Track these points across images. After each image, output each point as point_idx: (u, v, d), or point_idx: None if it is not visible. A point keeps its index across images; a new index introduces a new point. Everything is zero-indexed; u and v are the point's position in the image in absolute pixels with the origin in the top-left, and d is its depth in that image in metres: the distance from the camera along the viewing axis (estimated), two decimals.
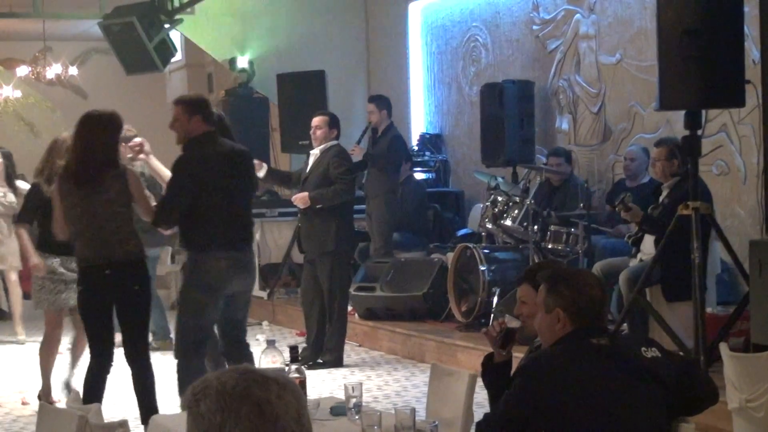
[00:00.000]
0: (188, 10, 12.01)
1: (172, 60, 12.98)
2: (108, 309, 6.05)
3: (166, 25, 12.04)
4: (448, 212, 11.33)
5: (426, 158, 11.83)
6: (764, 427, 4.98)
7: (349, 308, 9.56)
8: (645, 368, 3.40)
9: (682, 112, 6.62)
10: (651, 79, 8.12)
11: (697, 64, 6.23)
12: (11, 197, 9.98)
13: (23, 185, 9.83)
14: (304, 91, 11.72)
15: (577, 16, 10.03)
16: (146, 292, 6.17)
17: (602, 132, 9.82)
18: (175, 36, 12.84)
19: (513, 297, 7.28)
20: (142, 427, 5.65)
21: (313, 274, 8.73)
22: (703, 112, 7.05)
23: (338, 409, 4.22)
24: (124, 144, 8.37)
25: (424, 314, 9.61)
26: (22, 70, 14.43)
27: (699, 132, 6.64)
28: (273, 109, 12.62)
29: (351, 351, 9.45)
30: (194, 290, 6.28)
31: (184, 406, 1.96)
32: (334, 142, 8.69)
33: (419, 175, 11.55)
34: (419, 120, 12.48)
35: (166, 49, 12.19)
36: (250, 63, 12.67)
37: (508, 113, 9.98)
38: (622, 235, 8.37)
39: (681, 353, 6.11)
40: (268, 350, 4.35)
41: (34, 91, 15.53)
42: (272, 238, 11.62)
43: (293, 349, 4.31)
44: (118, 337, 6.28)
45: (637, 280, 7.01)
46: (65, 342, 7.62)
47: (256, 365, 4.52)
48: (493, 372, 3.87)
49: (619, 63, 9.53)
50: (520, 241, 8.99)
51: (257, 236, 10.67)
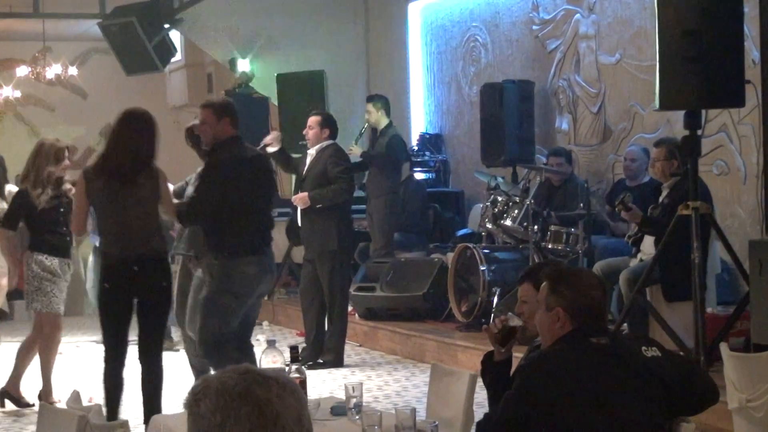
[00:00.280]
0: (188, 10, 12.01)
1: (172, 60, 13.00)
2: (130, 306, 6.04)
3: (166, 25, 12.06)
4: (448, 212, 11.33)
5: (426, 158, 11.83)
6: (764, 427, 4.98)
7: (350, 308, 9.56)
8: (645, 368, 3.40)
9: (682, 112, 6.62)
10: (651, 79, 8.09)
11: (697, 64, 6.23)
12: (3, 204, 9.93)
13: (14, 189, 9.78)
14: (303, 91, 11.71)
15: (577, 16, 10.02)
16: (170, 290, 6.20)
17: (602, 132, 9.81)
18: (174, 36, 12.84)
19: (513, 297, 7.30)
20: (143, 426, 5.65)
21: (313, 273, 8.73)
22: (703, 112, 7.05)
23: (338, 409, 4.22)
24: None
25: (424, 314, 9.61)
26: (22, 70, 14.40)
27: (699, 132, 6.64)
28: (273, 109, 12.61)
29: (351, 351, 9.45)
30: (225, 296, 6.38)
31: (184, 406, 1.96)
32: (330, 142, 8.68)
33: (419, 175, 11.55)
34: (419, 120, 12.48)
35: (165, 49, 12.20)
36: (251, 65, 12.65)
37: (507, 113, 9.98)
38: (620, 231, 8.36)
39: (681, 353, 6.11)
40: (268, 350, 4.34)
41: (33, 91, 15.50)
42: None
43: (293, 349, 4.31)
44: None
45: (637, 280, 7.01)
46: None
47: (257, 365, 4.51)
48: (493, 370, 3.88)
49: (618, 63, 9.53)
50: (520, 241, 8.99)
51: None
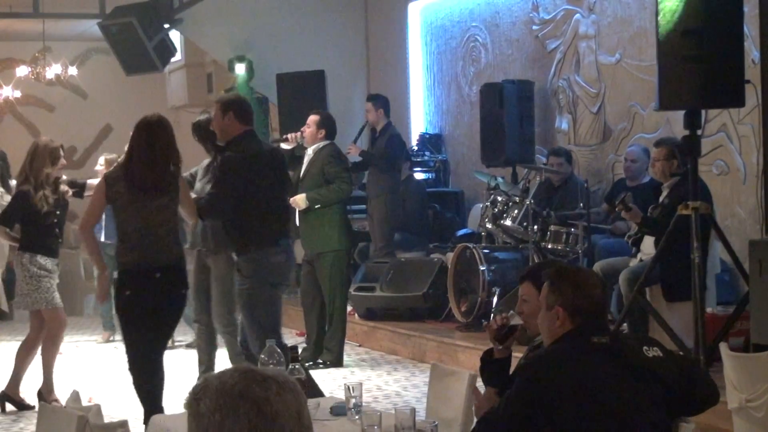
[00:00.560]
0: (188, 10, 12.01)
1: (172, 60, 13.00)
2: (151, 312, 6.01)
3: (166, 25, 12.06)
4: (448, 212, 11.33)
5: (426, 158, 11.83)
6: (764, 427, 4.97)
7: (349, 308, 9.56)
8: (646, 367, 3.40)
9: (682, 112, 6.62)
10: (651, 78, 8.11)
11: (697, 63, 6.23)
12: (7, 198, 9.95)
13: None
14: (303, 91, 11.72)
15: (577, 16, 10.02)
16: (186, 297, 6.19)
17: (602, 132, 9.81)
18: (174, 36, 12.84)
19: (513, 297, 7.30)
20: (143, 426, 5.65)
21: (313, 274, 8.73)
22: (703, 112, 7.05)
23: (338, 409, 4.22)
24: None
25: (424, 314, 9.61)
26: (22, 70, 14.40)
27: (699, 132, 6.64)
28: (273, 109, 12.61)
29: (351, 351, 9.45)
30: (263, 289, 6.56)
31: (185, 405, 1.96)
32: (326, 142, 8.67)
33: (419, 175, 11.55)
34: (419, 120, 12.48)
35: (165, 49, 12.20)
36: (248, 66, 12.62)
37: (507, 113, 9.98)
38: (620, 232, 8.36)
39: (682, 353, 6.10)
40: (268, 350, 4.34)
41: (33, 91, 15.51)
42: None
43: (293, 349, 4.31)
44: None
45: (637, 280, 7.00)
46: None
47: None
48: (492, 367, 3.88)
49: (618, 63, 9.53)
50: (520, 241, 8.99)
51: None
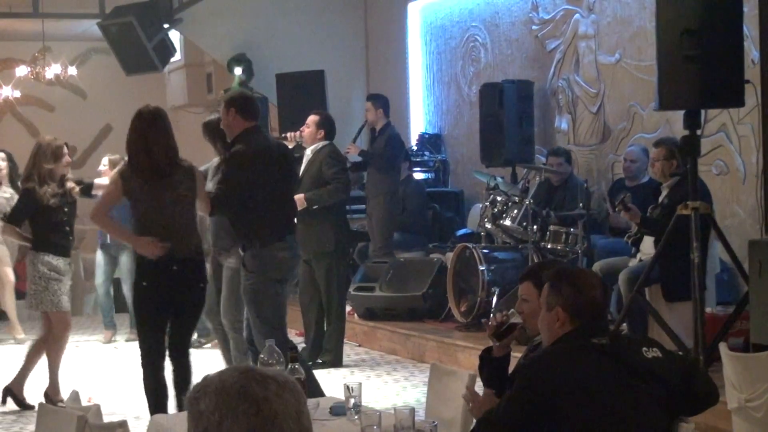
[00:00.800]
0: (187, 10, 12.01)
1: (172, 60, 13.00)
2: (168, 306, 6.01)
3: (165, 25, 12.06)
4: (447, 212, 11.33)
5: (425, 158, 11.83)
6: (764, 427, 4.98)
7: (349, 308, 9.56)
8: (646, 368, 3.40)
9: (682, 112, 6.62)
10: (650, 78, 8.11)
11: (697, 63, 6.23)
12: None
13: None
14: (303, 91, 11.72)
15: (577, 15, 10.03)
16: (205, 291, 6.18)
17: (601, 132, 9.81)
18: (174, 36, 12.84)
19: (512, 297, 7.30)
20: (142, 426, 5.65)
21: (311, 274, 8.71)
22: (703, 111, 7.05)
23: (338, 409, 4.22)
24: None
25: (423, 314, 9.61)
26: (22, 70, 14.39)
27: (698, 132, 6.64)
28: (272, 109, 12.61)
29: (350, 351, 9.45)
30: (269, 285, 6.51)
31: (185, 404, 1.96)
32: (325, 143, 8.66)
33: (419, 175, 11.55)
34: (418, 120, 12.48)
35: (165, 49, 12.20)
36: (246, 68, 12.61)
37: (507, 113, 9.98)
38: (620, 224, 8.35)
39: (681, 353, 6.11)
40: (267, 350, 4.34)
41: (33, 91, 15.50)
42: None
43: (293, 348, 4.31)
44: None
45: (637, 279, 7.00)
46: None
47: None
48: (491, 365, 3.88)
49: (618, 63, 9.53)
50: (519, 241, 8.99)
51: None
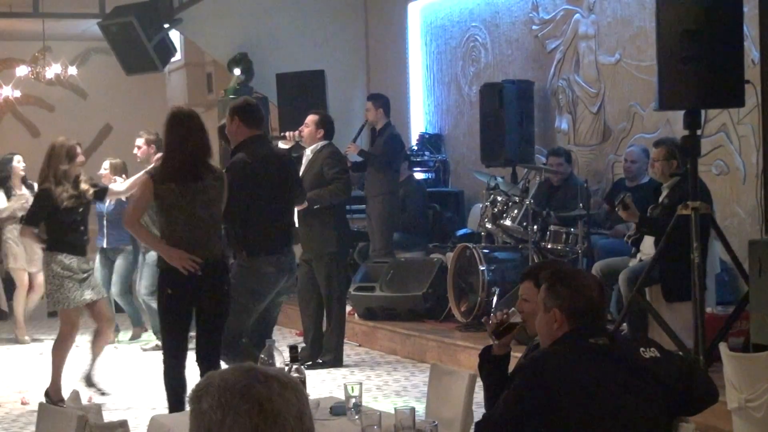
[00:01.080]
0: (188, 9, 12.01)
1: (172, 60, 12.99)
2: (191, 310, 6.01)
3: (166, 25, 12.06)
4: (447, 212, 11.33)
5: (425, 158, 11.83)
6: (764, 427, 4.98)
7: (349, 308, 9.56)
8: (644, 368, 3.40)
9: (682, 112, 6.62)
10: (650, 78, 8.12)
11: (697, 64, 6.23)
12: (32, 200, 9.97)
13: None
14: (303, 91, 11.71)
15: (577, 15, 10.03)
16: (230, 294, 6.14)
17: (602, 132, 9.82)
18: (174, 36, 12.84)
19: (512, 297, 7.30)
20: (142, 426, 5.66)
21: (310, 274, 8.70)
22: (703, 112, 7.05)
23: (338, 409, 4.22)
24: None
25: (423, 314, 9.61)
26: (22, 70, 14.40)
27: (698, 132, 6.64)
28: (272, 109, 12.60)
29: (350, 351, 9.45)
30: (242, 295, 6.45)
31: (187, 402, 1.97)
32: (325, 142, 8.65)
33: (419, 175, 11.55)
34: (419, 120, 12.48)
35: (165, 49, 12.20)
36: (246, 68, 12.60)
37: (507, 113, 9.98)
38: (621, 235, 8.37)
39: (681, 353, 6.11)
40: (267, 350, 4.35)
41: (33, 91, 15.51)
42: None
43: (293, 348, 4.31)
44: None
45: (637, 280, 7.00)
46: (81, 337, 7.72)
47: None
48: (491, 365, 3.88)
49: (618, 63, 9.53)
50: (519, 241, 8.99)
51: None
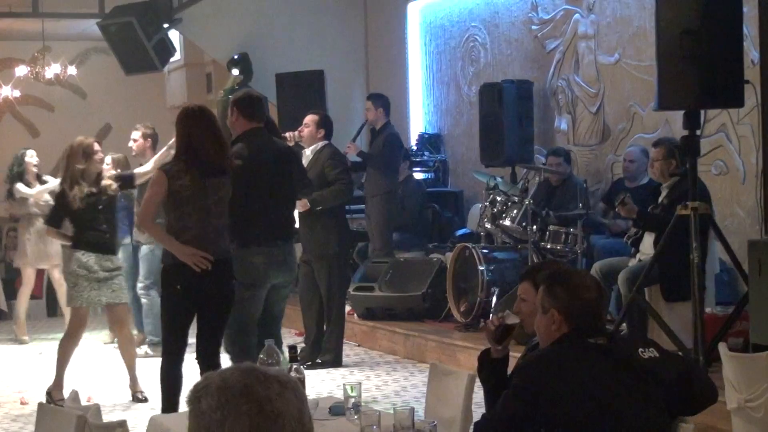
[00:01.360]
0: (187, 9, 12.00)
1: (171, 60, 12.99)
2: (194, 308, 6.01)
3: (165, 25, 12.05)
4: (447, 212, 11.33)
5: (425, 158, 11.83)
6: (763, 427, 4.98)
7: (348, 308, 9.56)
8: (643, 368, 3.40)
9: (681, 112, 6.62)
10: (650, 78, 8.12)
11: (696, 64, 6.23)
12: (47, 197, 9.99)
13: (50, 180, 10.03)
14: (303, 91, 11.71)
15: (576, 15, 10.03)
16: (234, 291, 6.15)
17: (601, 132, 9.82)
18: (174, 36, 12.83)
19: (512, 297, 7.30)
20: (141, 426, 5.66)
21: (311, 274, 8.70)
22: (702, 112, 7.05)
23: (337, 409, 4.22)
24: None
25: (423, 314, 9.61)
26: (21, 70, 14.38)
27: (698, 132, 6.64)
28: (272, 109, 12.60)
29: (350, 351, 9.45)
30: (238, 286, 6.43)
31: (186, 402, 1.96)
32: (325, 143, 8.64)
33: (418, 175, 11.55)
34: (418, 120, 12.48)
35: (164, 49, 12.19)
36: (246, 68, 12.60)
37: (506, 113, 9.98)
38: (620, 228, 8.35)
39: (680, 353, 6.11)
40: (267, 350, 4.34)
41: (33, 91, 15.50)
42: None
43: (292, 348, 4.30)
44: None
45: (636, 280, 7.00)
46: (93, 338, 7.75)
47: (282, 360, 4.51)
48: (490, 367, 3.88)
49: (618, 63, 9.53)
50: (519, 241, 8.99)
51: None
